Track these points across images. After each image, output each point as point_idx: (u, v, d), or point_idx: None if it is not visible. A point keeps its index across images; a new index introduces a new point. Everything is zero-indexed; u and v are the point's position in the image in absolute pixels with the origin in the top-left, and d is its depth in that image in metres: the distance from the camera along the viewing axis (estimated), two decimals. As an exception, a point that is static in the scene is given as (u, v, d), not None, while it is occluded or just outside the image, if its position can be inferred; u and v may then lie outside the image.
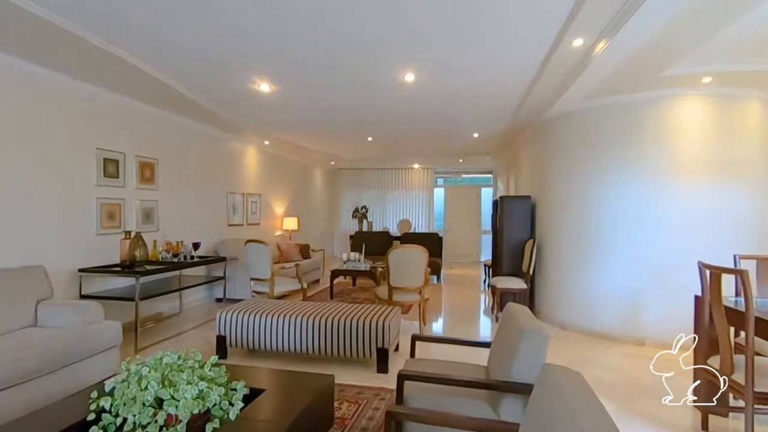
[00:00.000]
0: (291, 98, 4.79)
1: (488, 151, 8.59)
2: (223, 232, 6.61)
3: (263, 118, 5.77)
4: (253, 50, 3.50)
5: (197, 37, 3.26)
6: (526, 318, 2.09)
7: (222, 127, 6.24)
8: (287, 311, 3.70)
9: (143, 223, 4.91)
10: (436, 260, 8.08)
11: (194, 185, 5.93)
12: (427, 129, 6.52)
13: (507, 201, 5.69)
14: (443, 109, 5.33)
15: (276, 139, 7.34)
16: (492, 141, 7.44)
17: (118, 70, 3.81)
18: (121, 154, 4.59)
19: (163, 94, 4.53)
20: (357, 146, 8.04)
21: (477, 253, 11.61)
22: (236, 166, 7.05)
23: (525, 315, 2.15)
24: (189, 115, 5.54)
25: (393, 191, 11.82)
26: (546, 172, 5.34)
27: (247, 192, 7.38)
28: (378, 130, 6.57)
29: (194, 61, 3.72)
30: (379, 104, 5.06)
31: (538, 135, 5.66)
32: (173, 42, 3.32)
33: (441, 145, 7.89)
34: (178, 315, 5.38)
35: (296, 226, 8.60)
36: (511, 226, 5.64)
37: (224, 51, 3.51)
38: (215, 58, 3.64)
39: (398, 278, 4.49)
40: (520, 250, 5.58)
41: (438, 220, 12.00)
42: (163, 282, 4.89)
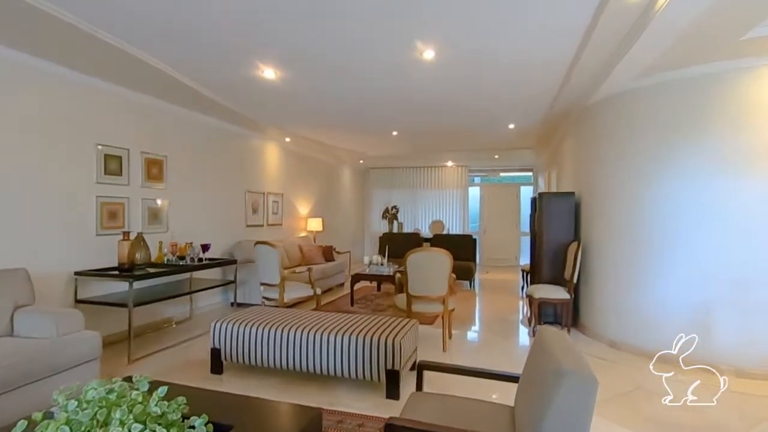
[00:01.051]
0: (299, 85, 4.38)
1: (527, 145, 7.86)
2: (241, 233, 6.32)
3: (272, 107, 5.41)
4: (256, 31, 3.10)
5: (198, 18, 2.91)
6: (564, 352, 1.52)
7: (239, 123, 5.96)
8: (287, 323, 3.26)
9: (150, 224, 4.66)
10: (468, 264, 7.46)
11: (209, 184, 5.66)
12: (456, 120, 5.94)
13: (547, 198, 5.01)
14: (472, 96, 4.74)
15: (296, 136, 7.00)
16: (531, 133, 6.73)
17: (118, 60, 3.55)
18: (124, 151, 4.35)
19: (170, 86, 4.25)
20: (383, 142, 7.56)
21: (515, 257, 10.82)
22: (256, 164, 6.76)
23: (563, 346, 1.58)
24: (202, 110, 5.27)
25: (425, 190, 11.26)
26: (591, 164, 4.63)
27: (268, 191, 7.08)
28: (402, 122, 6.05)
29: (195, 47, 3.38)
30: (399, 90, 4.55)
31: (583, 122, 4.94)
32: (173, 27, 2.98)
33: (473, 139, 7.26)
34: (189, 320, 5.10)
35: (321, 227, 8.23)
36: (551, 227, 4.96)
37: (226, 32, 3.13)
38: (217, 40, 3.28)
39: (418, 286, 3.96)
40: (561, 254, 4.89)
41: (473, 221, 11.31)
42: (170, 286, 4.61)
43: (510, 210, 10.91)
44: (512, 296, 6.81)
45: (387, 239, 8.53)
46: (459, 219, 10.98)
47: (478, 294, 7.08)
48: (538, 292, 4.53)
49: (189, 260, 4.60)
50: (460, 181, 11.01)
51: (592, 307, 4.51)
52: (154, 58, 3.66)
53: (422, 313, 4.02)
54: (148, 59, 3.63)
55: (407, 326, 3.27)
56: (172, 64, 3.79)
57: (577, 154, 5.28)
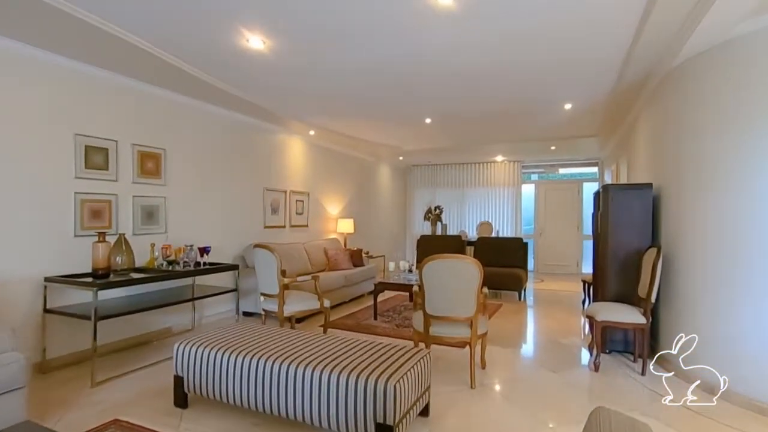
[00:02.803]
0: (294, 61, 3.68)
1: (590, 132, 6.64)
2: (258, 235, 5.77)
3: (274, 89, 4.77)
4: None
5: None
6: None
7: (255, 114, 5.41)
8: (261, 350, 2.55)
9: (143, 224, 4.19)
10: (517, 272, 6.41)
11: (219, 180, 5.16)
12: (498, 101, 4.97)
13: (613, 192, 3.92)
14: (513, 65, 3.79)
15: (321, 128, 6.36)
16: (593, 115, 5.57)
17: (101, 41, 3.08)
18: (111, 142, 3.90)
19: (163, 71, 3.75)
20: (417, 133, 6.71)
21: (577, 263, 9.48)
22: (277, 160, 6.20)
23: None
24: (208, 100, 4.77)
25: (472, 189, 10.24)
26: (679, 144, 3.50)
27: (291, 190, 6.50)
28: (433, 105, 5.18)
29: (176, 18, 2.80)
30: (416, 60, 3.71)
31: (665, 91, 3.80)
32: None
33: (522, 126, 6.20)
34: (191, 331, 4.60)
35: (352, 229, 7.54)
36: (619, 229, 3.87)
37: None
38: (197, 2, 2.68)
39: (437, 303, 3.09)
40: (632, 264, 3.78)
41: (527, 222, 10.11)
42: (170, 293, 4.11)
43: (570, 210, 9.60)
44: (571, 312, 5.68)
45: (424, 243, 7.67)
46: (510, 220, 9.84)
47: (529, 308, 6.01)
48: (602, 313, 3.48)
49: (183, 264, 4.08)
50: (512, 178, 9.87)
51: (679, 332, 3.36)
52: (135, 36, 3.16)
53: (443, 339, 3.15)
54: (127, 37, 3.13)
55: (413, 359, 2.43)
56: (155, 41, 3.25)
57: (656, 134, 4.12)
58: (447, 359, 3.69)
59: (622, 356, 3.81)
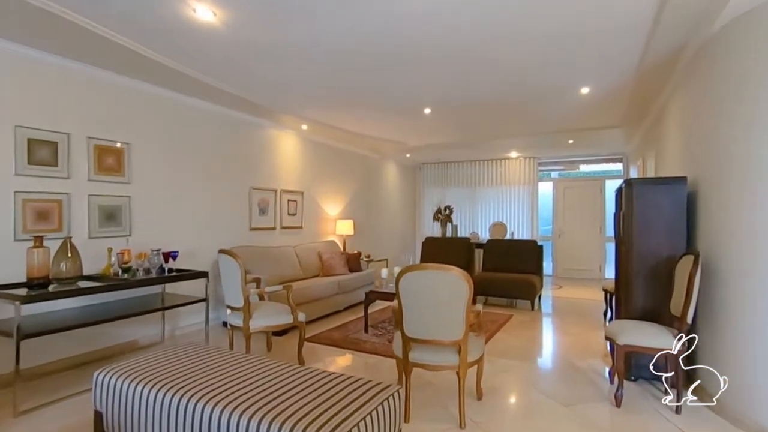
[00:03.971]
0: (252, 33, 3.19)
1: (612, 122, 5.95)
2: (243, 238, 5.32)
3: (236, 71, 4.29)
4: None
5: None
6: None
7: (237, 106, 4.96)
8: (193, 385, 2.05)
9: (102, 226, 3.77)
10: (530, 279, 5.78)
11: (197, 178, 4.72)
12: (500, 87, 4.37)
13: (639, 188, 3.27)
14: (515, 38, 3.20)
15: (313, 122, 5.86)
16: (615, 101, 4.90)
17: (44, 20, 2.65)
18: (61, 135, 3.49)
19: (117, 54, 3.32)
20: (418, 126, 6.15)
21: (599, 267, 8.73)
22: (265, 156, 5.74)
23: None
24: (181, 90, 4.34)
25: (485, 188, 9.59)
26: (719, 130, 2.84)
27: (283, 189, 6.04)
28: (428, 93, 4.62)
29: None
30: (400, 33, 3.16)
31: (701, 66, 3.14)
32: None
33: (533, 115, 5.55)
34: (161, 344, 4.17)
35: (351, 231, 7.03)
36: (646, 232, 3.22)
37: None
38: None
39: (416, 324, 2.54)
40: (664, 273, 3.14)
41: (545, 223, 9.41)
42: (131, 303, 3.68)
43: (592, 209, 8.85)
44: (591, 325, 5.01)
45: (430, 245, 7.09)
46: (526, 221, 9.15)
47: (543, 319, 5.37)
48: (625, 335, 2.85)
49: (145, 271, 3.64)
50: (527, 176, 9.19)
51: (726, 366, 2.72)
52: (73, 12, 2.72)
53: (426, 365, 2.58)
54: (68, 15, 2.71)
55: (376, 400, 1.89)
56: (97, 18, 2.81)
57: (690, 119, 3.46)
58: (437, 385, 3.13)
59: (651, 385, 3.17)
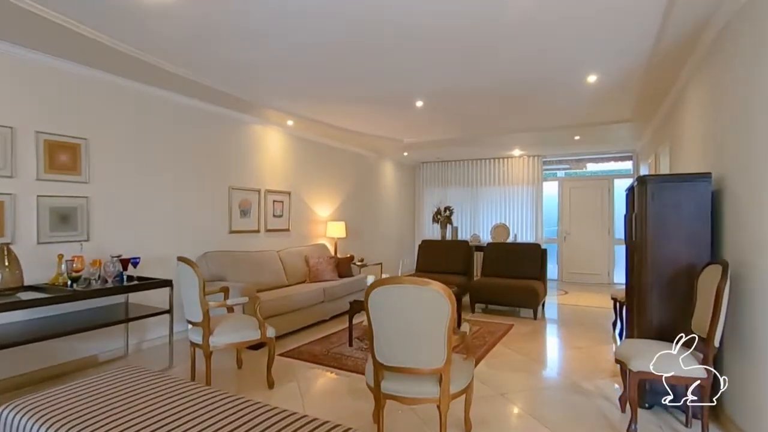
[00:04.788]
0: (202, 7, 2.80)
1: (622, 116, 5.50)
2: (222, 242, 4.95)
3: (197, 55, 3.92)
4: None
5: None
6: None
7: (214, 100, 4.59)
8: (98, 427, 1.67)
9: (54, 230, 3.41)
10: (532, 285, 5.35)
11: (168, 177, 4.36)
12: (498, 75, 3.95)
13: (654, 186, 2.84)
14: (509, 18, 2.79)
15: (299, 117, 5.47)
16: (626, 91, 4.46)
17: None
18: (4, 129, 3.14)
19: (62, 38, 2.95)
20: (411, 121, 5.74)
21: (608, 272, 8.26)
22: (247, 154, 5.37)
23: None
24: (148, 81, 3.98)
25: (487, 188, 9.16)
26: (750, 117, 2.40)
27: (268, 189, 5.66)
28: (416, 82, 4.21)
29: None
30: (375, 9, 2.76)
31: (724, 48, 2.71)
32: None
33: (536, 108, 5.12)
34: (123, 359, 3.80)
35: (343, 233, 6.64)
36: (663, 236, 2.79)
37: None
38: None
39: (389, 348, 2.14)
40: (684, 285, 2.71)
41: (550, 224, 8.95)
42: (89, 315, 3.33)
43: (600, 210, 8.39)
44: (599, 337, 4.57)
45: (426, 249, 6.68)
46: (530, 223, 8.70)
47: (546, 330, 4.94)
48: (639, 358, 2.42)
49: (97, 280, 3.27)
50: (531, 175, 8.74)
51: (764, 399, 2.28)
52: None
53: (402, 399, 2.18)
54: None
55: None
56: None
57: (715, 107, 3.02)
58: (421, 413, 2.72)
59: (669, 414, 2.74)
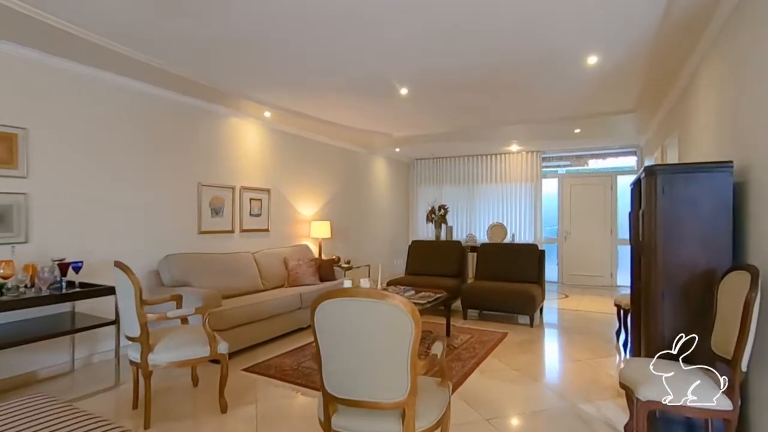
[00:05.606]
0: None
1: (625, 106, 5.09)
2: (190, 243, 4.55)
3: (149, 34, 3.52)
4: None
5: None
6: None
7: (180, 88, 4.20)
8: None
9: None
10: (529, 289, 4.95)
11: (126, 173, 3.97)
12: (492, 54, 3.55)
13: (666, 177, 2.41)
14: None
15: (277, 108, 5.07)
16: (631, 74, 4.04)
17: None
18: None
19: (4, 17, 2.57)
20: (398, 112, 5.33)
21: (610, 273, 7.83)
22: (221, 148, 4.97)
23: None
24: (101, 65, 3.59)
25: (484, 185, 8.75)
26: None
27: (244, 185, 5.26)
28: (398, 65, 3.81)
29: None
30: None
31: (744, 20, 2.29)
32: None
33: (530, 97, 4.70)
34: (69, 375, 3.40)
35: (328, 233, 6.24)
36: (675, 237, 2.37)
37: None
38: None
39: (341, 377, 1.73)
40: (701, 293, 2.29)
41: (550, 224, 8.53)
42: (29, 325, 2.94)
43: (602, 209, 7.96)
44: (602, 348, 4.16)
45: (417, 250, 6.28)
46: (529, 222, 8.28)
47: (545, 338, 4.52)
48: (648, 386, 2.00)
49: (30, 288, 2.88)
50: (530, 172, 8.32)
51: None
52: None
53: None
54: None
55: None
56: None
57: (735, 87, 2.61)
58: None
59: (683, 446, 2.33)
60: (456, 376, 3.31)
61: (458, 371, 3.42)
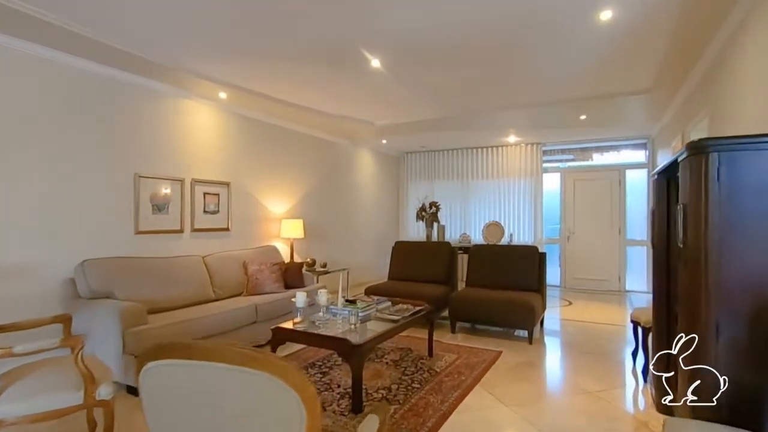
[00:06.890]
0: None
1: (639, 86, 4.35)
2: (125, 245, 3.82)
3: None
4: None
5: None
6: None
7: (110, 60, 3.47)
8: None
9: None
10: (528, 299, 4.22)
11: (40, 162, 3.24)
12: (481, 11, 2.81)
13: (726, 156, 1.66)
14: None
15: (233, 87, 4.33)
16: (652, 36, 3.30)
17: None
18: None
19: None
20: (374, 93, 4.59)
21: (619, 276, 7.09)
22: (166, 134, 4.24)
23: None
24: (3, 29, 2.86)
25: (479, 181, 8.02)
26: None
27: (196, 178, 4.53)
28: (364, 19, 3.07)
29: None
30: None
31: None
32: None
33: (531, 64, 3.95)
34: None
35: (301, 233, 5.51)
36: (738, 239, 1.62)
37: None
38: None
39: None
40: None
41: (551, 222, 7.80)
42: None
43: (609, 206, 7.22)
44: (616, 376, 3.41)
45: (400, 252, 5.55)
46: (529, 220, 7.55)
47: (546, 359, 3.79)
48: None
49: None
50: (530, 166, 7.59)
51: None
52: None
53: None
54: None
55: None
56: None
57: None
58: None
59: None
60: (431, 417, 2.58)
61: (434, 410, 2.68)
